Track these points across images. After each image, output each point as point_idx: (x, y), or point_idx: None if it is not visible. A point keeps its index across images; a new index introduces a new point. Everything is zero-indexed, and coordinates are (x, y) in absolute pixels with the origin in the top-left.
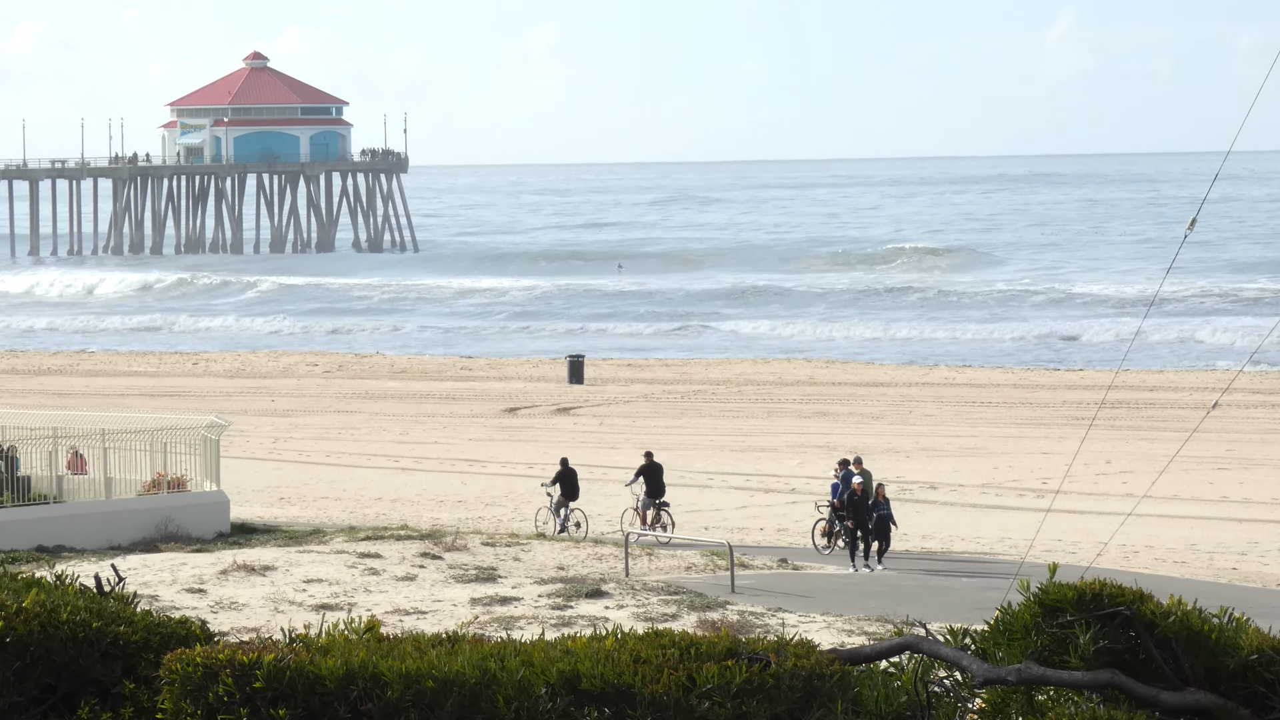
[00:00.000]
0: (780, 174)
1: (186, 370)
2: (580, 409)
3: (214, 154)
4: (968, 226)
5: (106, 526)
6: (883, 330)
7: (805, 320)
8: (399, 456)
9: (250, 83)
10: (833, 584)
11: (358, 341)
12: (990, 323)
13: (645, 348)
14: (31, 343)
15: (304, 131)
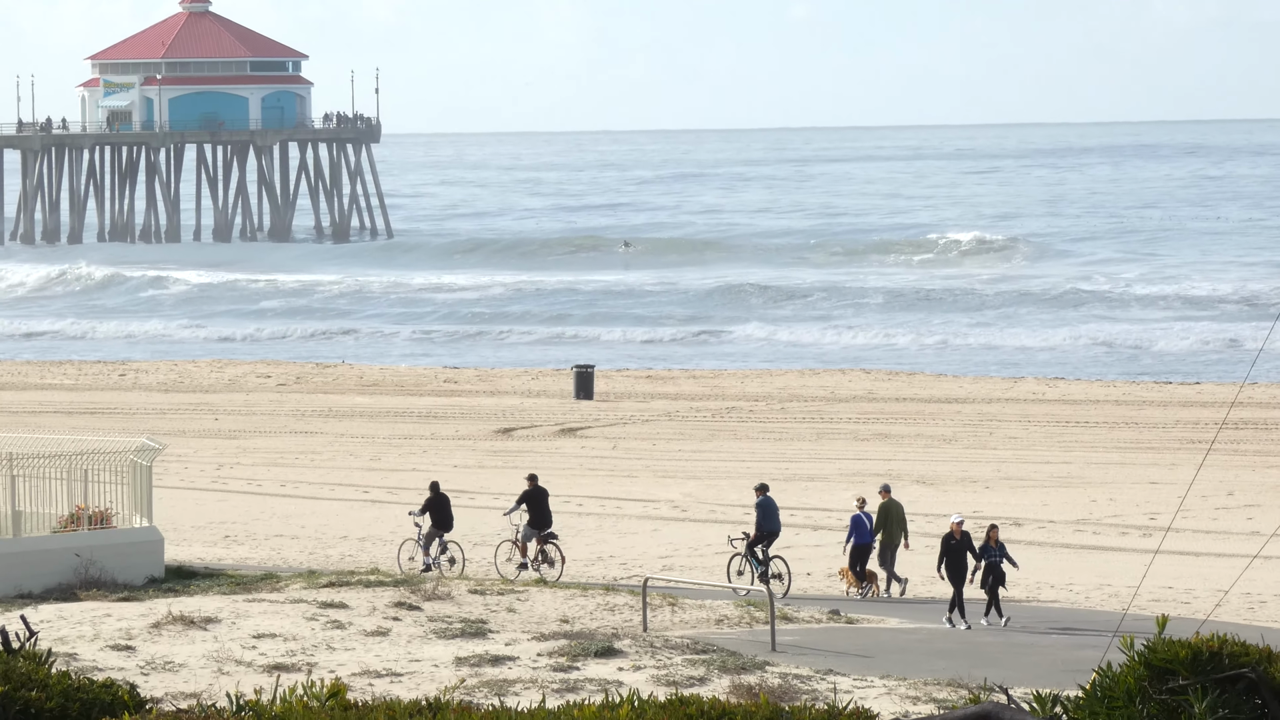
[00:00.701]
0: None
1: (112, 382)
2: (589, 430)
3: (144, 119)
4: (1059, 210)
5: (14, 570)
6: (954, 335)
7: (861, 322)
8: (369, 487)
9: (188, 32)
10: (895, 640)
11: (319, 349)
12: (1084, 324)
13: (667, 356)
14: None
15: (254, 91)
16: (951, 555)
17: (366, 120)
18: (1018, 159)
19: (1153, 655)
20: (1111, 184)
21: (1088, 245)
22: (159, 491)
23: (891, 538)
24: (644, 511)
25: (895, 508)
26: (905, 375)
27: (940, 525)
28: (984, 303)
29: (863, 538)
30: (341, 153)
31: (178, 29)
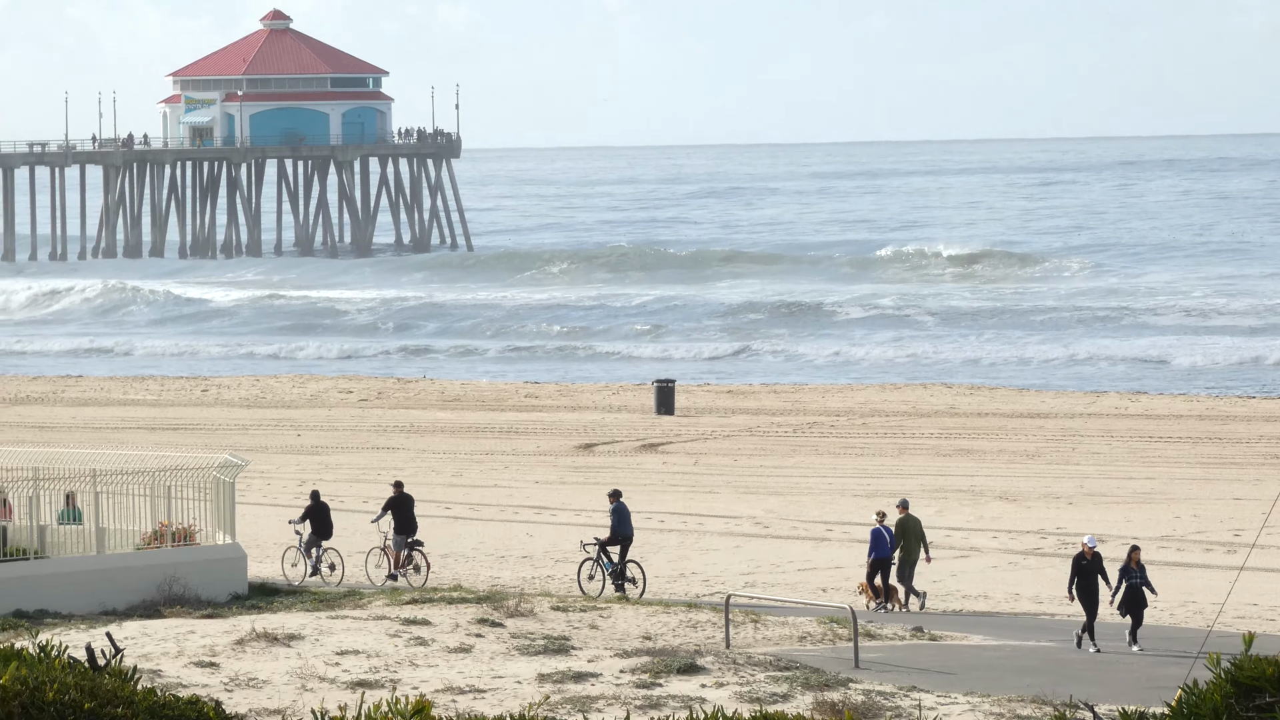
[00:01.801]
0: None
1: (194, 398)
2: (670, 445)
3: (226, 135)
4: (1137, 224)
5: (99, 587)
6: (1034, 349)
7: (942, 336)
8: (451, 503)
9: (269, 48)
10: (979, 657)
11: (400, 363)
12: (1165, 337)
13: (748, 370)
14: (6, 366)
15: (335, 107)
16: (1083, 577)
17: (446, 135)
18: (1095, 171)
19: (1239, 673)
20: (1185, 196)
21: (1169, 259)
22: (242, 508)
23: (910, 553)
24: (726, 528)
25: (913, 523)
26: (988, 390)
27: (1022, 542)
28: (1064, 318)
29: (882, 552)
30: (422, 167)
31: (259, 46)
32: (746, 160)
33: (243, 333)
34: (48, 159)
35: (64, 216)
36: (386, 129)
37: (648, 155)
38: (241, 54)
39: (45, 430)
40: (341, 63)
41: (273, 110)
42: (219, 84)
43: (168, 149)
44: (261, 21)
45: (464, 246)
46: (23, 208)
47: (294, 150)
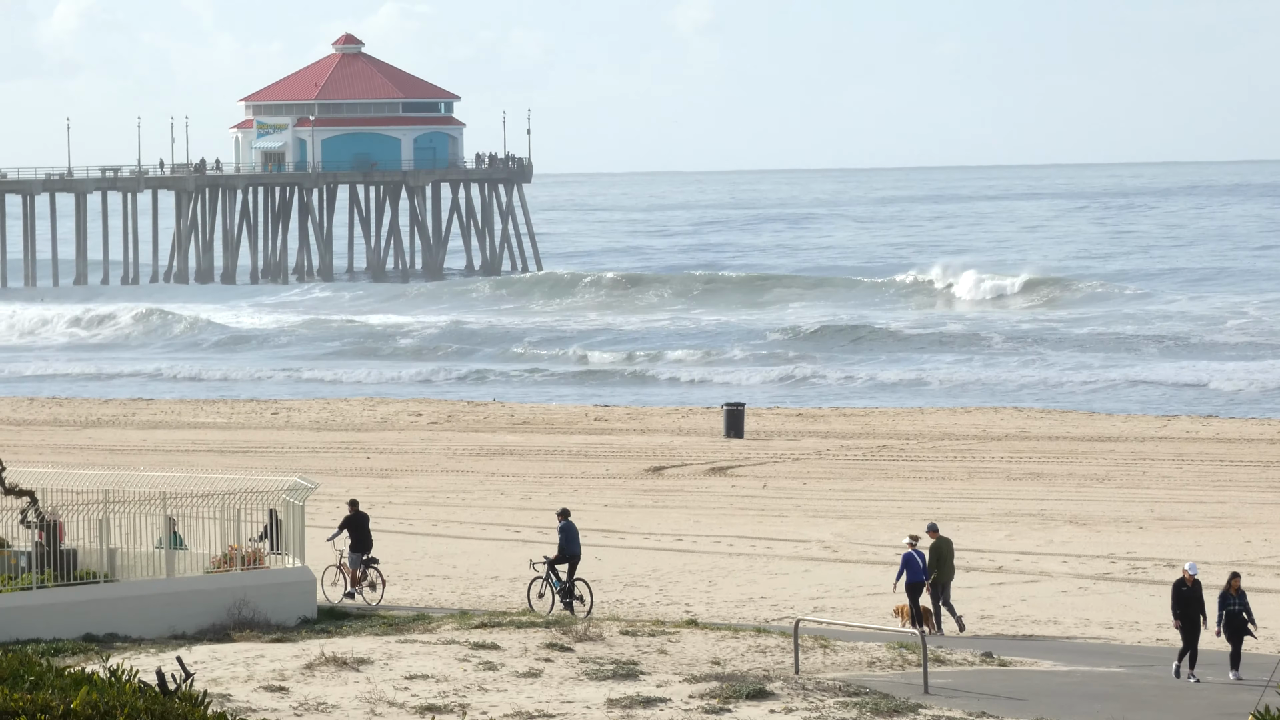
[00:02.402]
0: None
1: (264, 421)
2: (739, 468)
3: (298, 160)
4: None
5: (168, 610)
6: (1104, 372)
7: (1006, 358)
8: (520, 526)
9: (341, 73)
10: (1049, 683)
11: (469, 387)
12: (1235, 361)
13: (817, 394)
14: (77, 389)
15: (407, 133)
16: (1183, 604)
17: (518, 160)
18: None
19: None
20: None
21: (1239, 281)
22: (311, 531)
23: (943, 575)
24: (795, 552)
25: (945, 545)
26: (1058, 414)
27: (1092, 566)
28: (1134, 341)
29: (915, 575)
30: (493, 192)
31: (330, 70)
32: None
33: (313, 356)
34: (120, 184)
35: (136, 241)
36: (458, 154)
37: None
38: (314, 79)
39: (116, 453)
40: (413, 88)
41: (345, 135)
42: (291, 109)
43: (240, 174)
44: (334, 46)
45: (535, 270)
46: (94, 232)
47: (366, 175)
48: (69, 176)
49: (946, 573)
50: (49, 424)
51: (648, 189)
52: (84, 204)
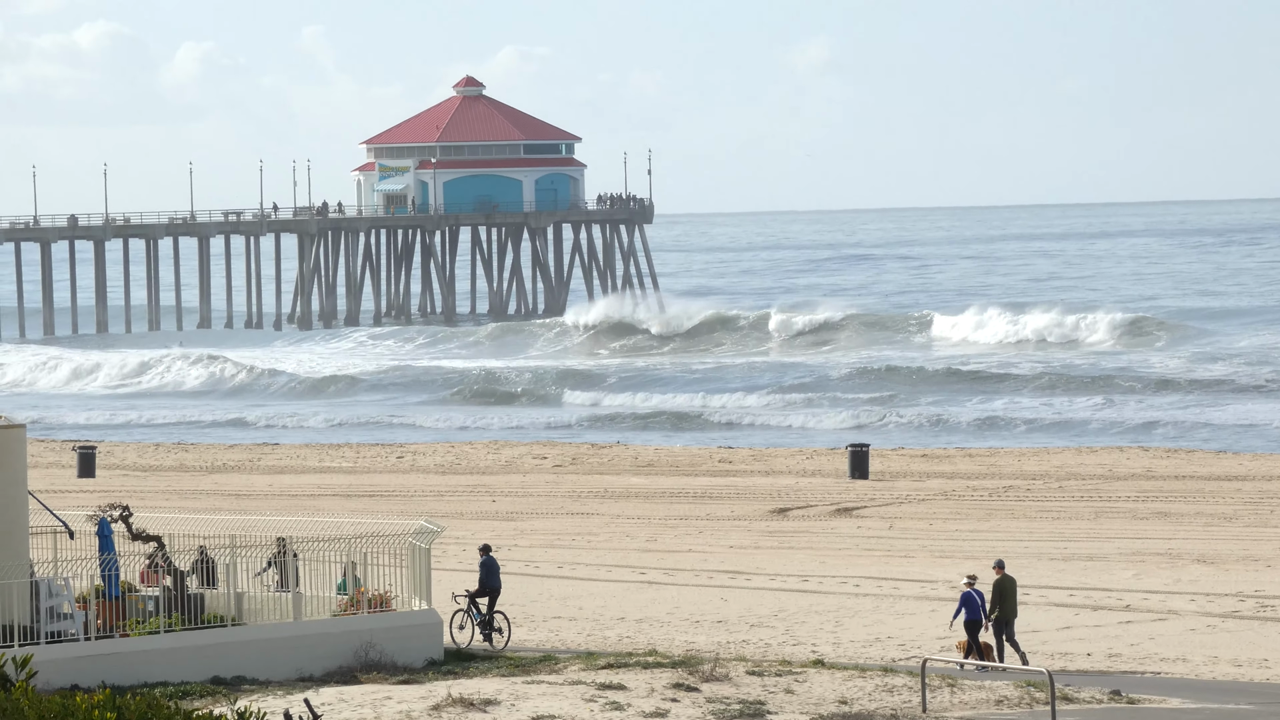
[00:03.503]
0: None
1: (389, 465)
2: (864, 509)
3: (420, 202)
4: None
5: (295, 653)
6: (1230, 411)
7: (1136, 399)
8: (645, 568)
9: (462, 115)
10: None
11: (592, 430)
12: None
13: (941, 433)
14: (203, 435)
15: (528, 174)
16: None
17: (639, 201)
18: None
19: None
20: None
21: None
22: (437, 574)
23: (1007, 612)
24: (921, 592)
25: (1009, 583)
26: (1184, 453)
27: (1220, 605)
28: (1262, 380)
29: (973, 613)
30: (614, 233)
31: (452, 113)
32: (934, 223)
33: (439, 401)
34: (243, 227)
35: (259, 285)
36: (580, 195)
37: (837, 218)
38: (435, 121)
39: (242, 498)
40: (534, 129)
41: (466, 177)
42: (413, 151)
43: (362, 217)
44: (455, 89)
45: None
46: (217, 273)
47: (488, 217)
48: (192, 220)
49: (1009, 609)
50: (175, 469)
51: (770, 228)
52: (207, 247)
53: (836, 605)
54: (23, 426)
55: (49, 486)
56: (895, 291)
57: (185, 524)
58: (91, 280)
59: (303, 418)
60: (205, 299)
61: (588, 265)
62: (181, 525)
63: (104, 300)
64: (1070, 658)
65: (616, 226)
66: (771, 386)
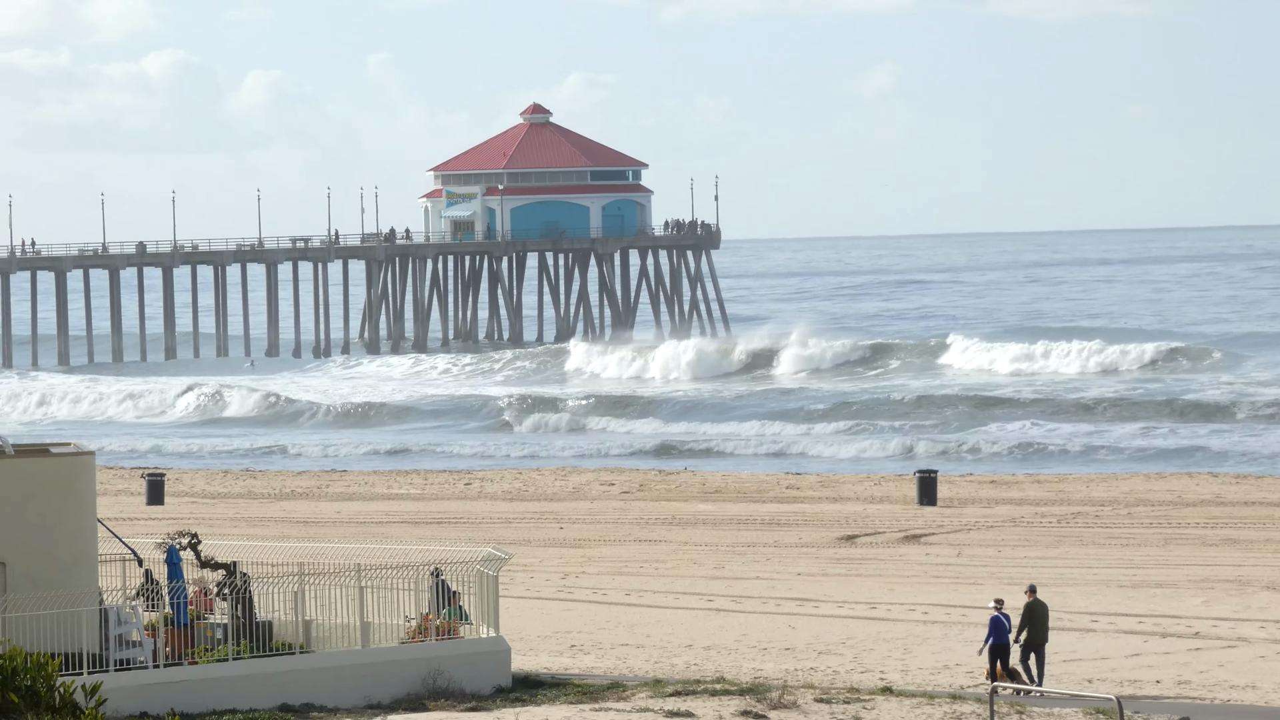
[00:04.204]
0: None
1: (457, 492)
2: (933, 536)
3: (487, 229)
4: None
5: (363, 680)
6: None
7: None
8: (713, 595)
9: (529, 142)
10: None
11: (659, 456)
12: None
13: (1009, 460)
14: (271, 462)
15: (595, 200)
16: None
17: (706, 227)
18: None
19: None
20: None
21: None
22: (505, 601)
23: (1037, 636)
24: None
25: (1040, 607)
26: (1254, 479)
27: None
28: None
29: (1000, 638)
30: (681, 259)
31: (519, 140)
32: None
33: (504, 426)
34: (311, 254)
35: (327, 311)
36: (647, 221)
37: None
38: (502, 148)
39: (310, 525)
40: (601, 156)
41: (533, 203)
42: (480, 178)
43: (429, 243)
44: (521, 116)
45: (724, 337)
46: (285, 299)
47: (554, 243)
48: (260, 247)
49: (1040, 634)
50: (243, 497)
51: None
52: (275, 274)
53: (905, 632)
54: (92, 453)
55: (118, 514)
56: (955, 316)
57: (253, 551)
58: (160, 307)
59: (368, 444)
60: (273, 325)
61: (654, 291)
62: (250, 553)
63: (172, 327)
64: (1139, 685)
65: (683, 252)
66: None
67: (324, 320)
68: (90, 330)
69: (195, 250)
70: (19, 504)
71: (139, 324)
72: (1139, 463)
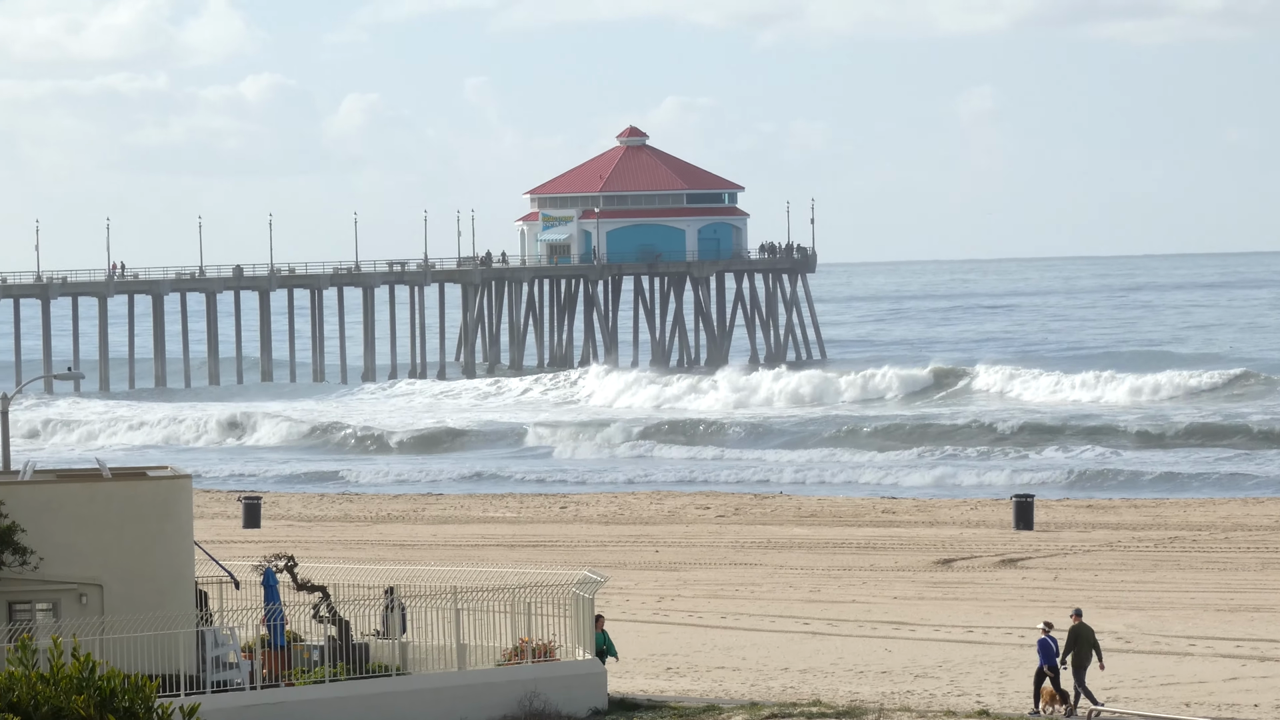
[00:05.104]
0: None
1: (553, 515)
2: (1029, 560)
3: (583, 252)
4: None
5: (460, 703)
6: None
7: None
8: (809, 618)
9: (626, 165)
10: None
11: (755, 478)
12: None
13: (1105, 484)
14: (366, 485)
15: (691, 223)
16: None
17: (802, 250)
18: None
19: None
20: None
21: None
22: None
23: (1082, 659)
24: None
25: (1086, 631)
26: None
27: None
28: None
29: (1048, 660)
30: (777, 282)
31: (615, 163)
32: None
33: (600, 450)
34: (407, 278)
35: (424, 334)
36: (742, 245)
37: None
38: (598, 171)
39: (405, 548)
40: (697, 179)
41: (629, 227)
42: (576, 201)
43: (525, 266)
44: (618, 139)
45: (820, 362)
46: (382, 321)
47: (650, 266)
48: (356, 271)
49: (1084, 656)
50: (340, 520)
51: (934, 278)
52: (371, 298)
53: (1002, 656)
54: (188, 477)
55: (215, 537)
56: (1046, 340)
57: (350, 574)
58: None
59: (464, 466)
60: (370, 349)
61: (750, 314)
62: (346, 575)
63: (269, 350)
64: (1237, 709)
65: (779, 276)
66: (930, 438)
67: (420, 344)
68: (186, 354)
69: (292, 274)
70: (117, 527)
71: (235, 347)
72: (1234, 489)
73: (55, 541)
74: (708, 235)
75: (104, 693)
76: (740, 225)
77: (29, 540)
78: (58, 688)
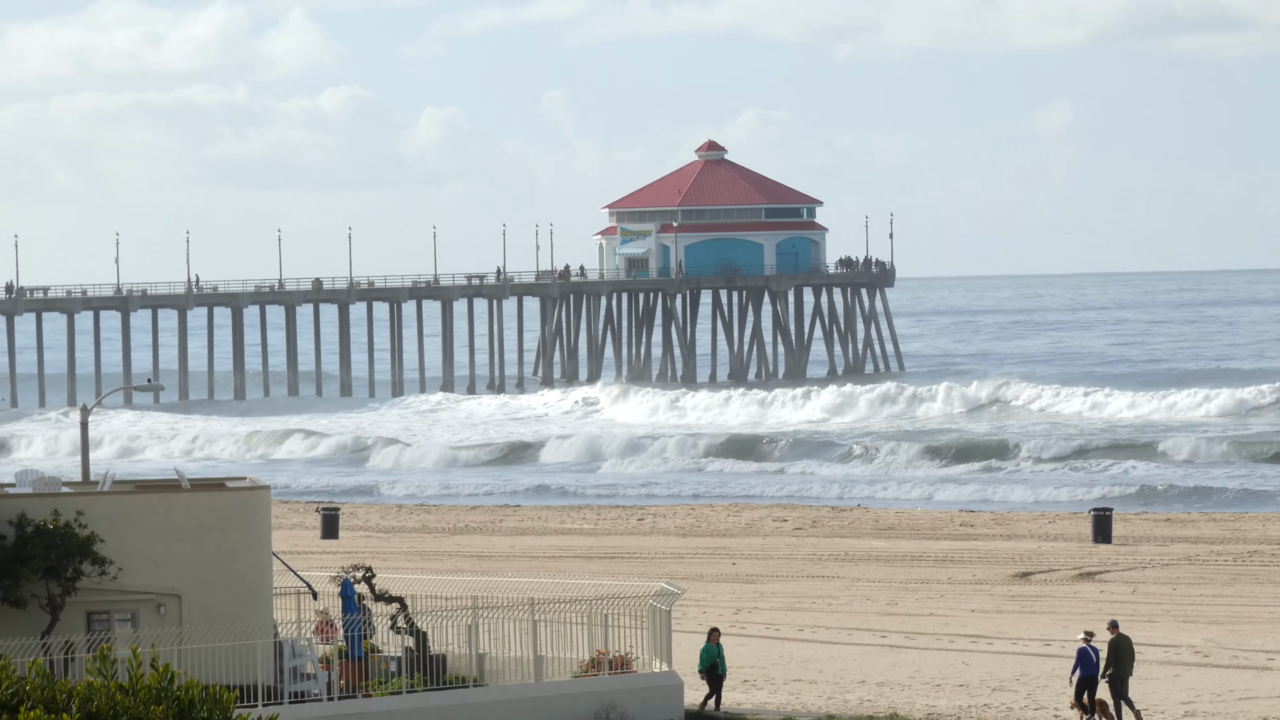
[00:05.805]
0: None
1: (630, 527)
2: (1108, 574)
3: (661, 266)
4: None
5: (537, 714)
6: None
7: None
8: (886, 631)
9: (704, 179)
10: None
11: (832, 491)
12: None
13: (1185, 498)
14: (445, 496)
15: (769, 238)
16: None
17: (880, 264)
18: None
19: None
20: None
21: None
22: (677, 635)
23: (1121, 670)
24: (1164, 657)
25: (1124, 642)
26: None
27: None
28: None
29: (1088, 670)
30: (855, 297)
31: (694, 177)
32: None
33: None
34: (486, 291)
35: (502, 347)
36: (821, 259)
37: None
38: (677, 185)
39: (483, 559)
40: (775, 193)
41: (708, 241)
42: (654, 215)
43: (604, 280)
44: (696, 153)
45: (898, 376)
46: (460, 333)
47: (729, 280)
48: (435, 284)
49: (1124, 668)
50: (417, 531)
51: (1013, 292)
52: (450, 311)
53: None
54: (267, 488)
55: (293, 548)
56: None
57: (427, 585)
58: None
59: (539, 478)
60: (448, 361)
61: (828, 329)
62: (424, 587)
63: (348, 364)
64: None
65: (857, 290)
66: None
67: (499, 356)
68: (266, 366)
69: (371, 287)
70: (195, 538)
71: (315, 360)
72: None
73: (134, 552)
74: (786, 249)
75: (182, 703)
76: (819, 239)
77: (107, 551)
78: (136, 698)
